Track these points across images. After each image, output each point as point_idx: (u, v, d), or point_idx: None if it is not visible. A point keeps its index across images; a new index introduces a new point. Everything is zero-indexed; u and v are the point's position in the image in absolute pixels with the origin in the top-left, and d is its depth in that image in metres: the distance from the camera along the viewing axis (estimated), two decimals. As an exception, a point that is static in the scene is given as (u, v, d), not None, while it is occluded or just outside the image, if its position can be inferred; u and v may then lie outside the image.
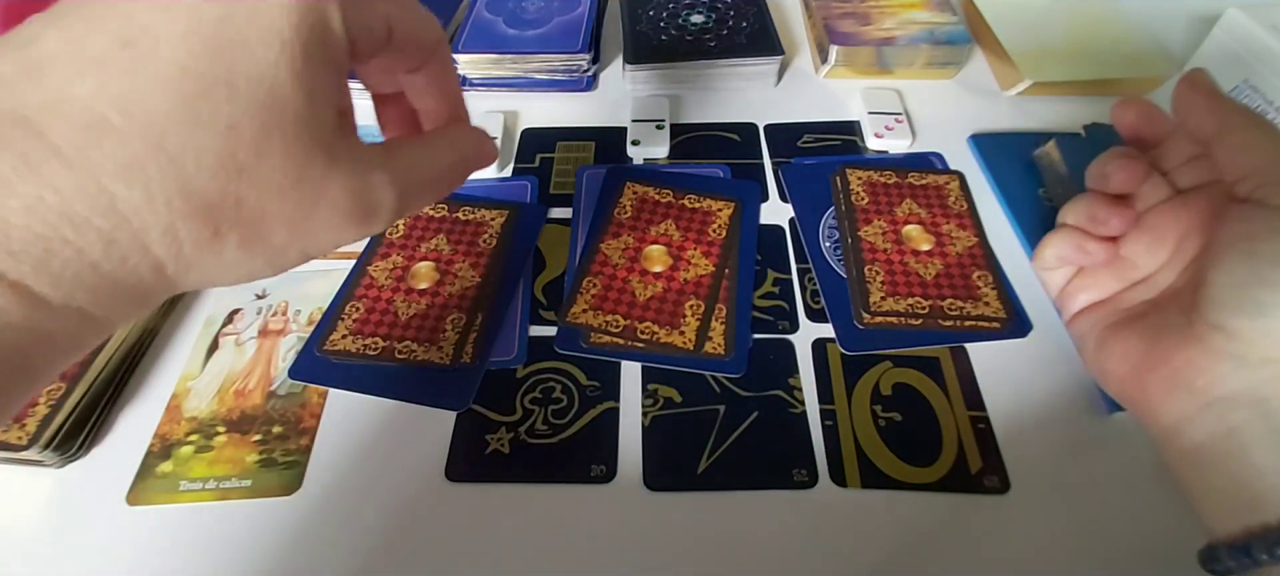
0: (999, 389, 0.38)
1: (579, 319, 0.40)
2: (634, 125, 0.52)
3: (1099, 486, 0.34)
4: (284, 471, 0.35)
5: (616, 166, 0.50)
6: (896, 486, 0.34)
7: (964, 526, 0.33)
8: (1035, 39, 0.56)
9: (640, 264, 0.43)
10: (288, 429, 0.37)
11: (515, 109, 0.56)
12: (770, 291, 0.42)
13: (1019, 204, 0.46)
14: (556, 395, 0.38)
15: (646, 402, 0.38)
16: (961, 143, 0.51)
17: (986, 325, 0.39)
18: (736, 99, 0.56)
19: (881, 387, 0.38)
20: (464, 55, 0.56)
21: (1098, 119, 0.49)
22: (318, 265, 0.45)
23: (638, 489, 0.35)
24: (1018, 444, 0.36)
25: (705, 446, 0.36)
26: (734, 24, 0.58)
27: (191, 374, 0.39)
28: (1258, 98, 0.51)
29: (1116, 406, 0.36)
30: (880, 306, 0.40)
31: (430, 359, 0.38)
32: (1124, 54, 0.54)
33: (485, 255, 0.43)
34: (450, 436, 0.37)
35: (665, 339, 0.39)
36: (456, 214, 0.46)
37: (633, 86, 0.57)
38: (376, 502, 0.34)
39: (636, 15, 0.60)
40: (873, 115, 0.53)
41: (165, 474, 0.35)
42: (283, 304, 0.43)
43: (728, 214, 0.46)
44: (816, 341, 0.40)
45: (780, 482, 0.34)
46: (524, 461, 0.36)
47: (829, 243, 0.45)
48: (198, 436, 0.37)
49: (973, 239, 0.43)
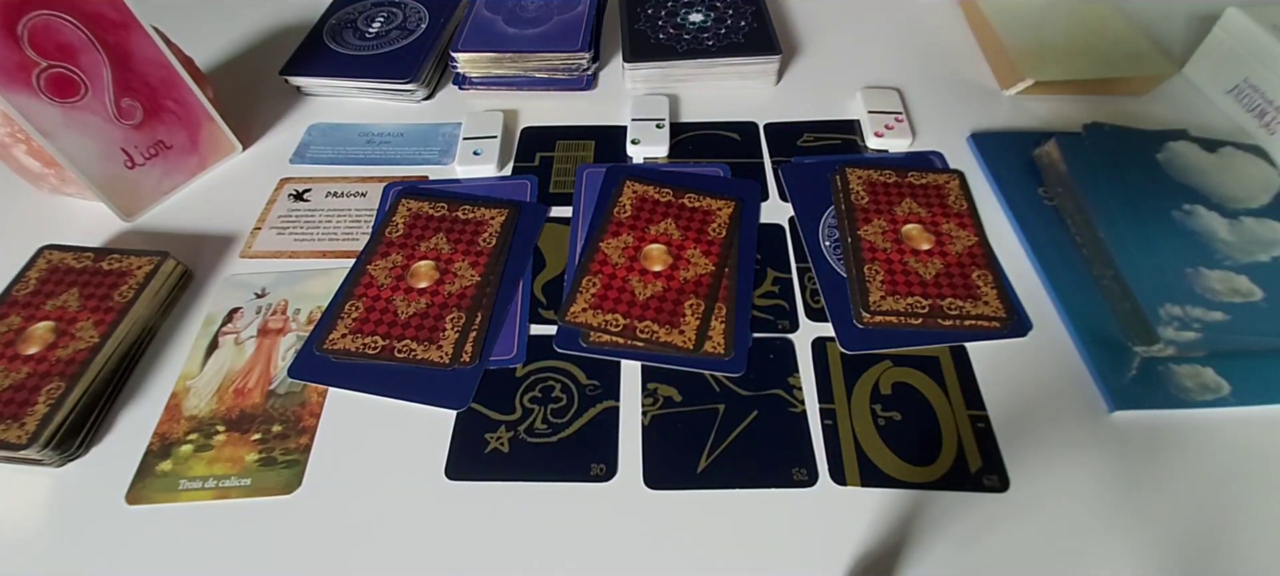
0: (999, 388, 0.38)
1: (579, 318, 0.40)
2: (633, 124, 0.52)
3: (1098, 485, 0.34)
4: (284, 470, 0.35)
5: (616, 165, 0.50)
6: (896, 485, 0.34)
7: (963, 525, 0.33)
8: (1035, 38, 0.56)
9: (640, 263, 0.43)
10: (287, 428, 0.37)
11: (515, 108, 0.56)
12: (770, 290, 0.42)
13: (1019, 203, 0.46)
14: (556, 394, 0.38)
15: (646, 401, 0.38)
16: (961, 142, 0.51)
17: (986, 324, 0.39)
18: (736, 98, 0.56)
19: (881, 387, 0.38)
20: (464, 54, 0.56)
21: (1098, 119, 0.49)
22: (317, 264, 0.45)
23: (638, 487, 0.35)
24: (1017, 443, 0.36)
25: (705, 445, 0.36)
26: (733, 23, 0.58)
27: (191, 373, 0.39)
28: (1258, 97, 0.51)
29: (1117, 406, 0.36)
30: (880, 306, 0.40)
31: (430, 358, 0.38)
32: (1124, 53, 0.54)
33: (485, 254, 0.43)
34: (450, 435, 0.37)
35: (665, 338, 0.39)
36: (456, 213, 0.46)
37: (632, 85, 0.57)
38: (376, 502, 0.34)
39: (635, 14, 0.60)
40: (872, 114, 0.53)
41: (165, 473, 0.35)
42: (282, 303, 0.43)
43: (727, 213, 0.46)
44: (816, 340, 0.40)
45: (780, 481, 0.34)
46: (524, 460, 0.36)
47: (829, 242, 0.45)
48: (197, 435, 0.37)
49: (973, 238, 0.43)
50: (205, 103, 0.50)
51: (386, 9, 0.63)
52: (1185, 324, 0.37)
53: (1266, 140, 0.49)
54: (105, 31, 0.45)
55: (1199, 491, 0.34)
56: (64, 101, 0.44)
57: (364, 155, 0.53)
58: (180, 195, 0.50)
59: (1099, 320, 0.40)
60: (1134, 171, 0.45)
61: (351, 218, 0.48)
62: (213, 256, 0.46)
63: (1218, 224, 0.42)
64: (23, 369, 0.36)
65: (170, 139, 0.49)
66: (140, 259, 0.42)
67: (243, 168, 0.53)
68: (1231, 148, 0.47)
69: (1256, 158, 0.47)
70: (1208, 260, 0.40)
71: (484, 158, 0.50)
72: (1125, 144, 0.47)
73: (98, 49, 0.45)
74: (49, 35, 0.42)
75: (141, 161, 0.48)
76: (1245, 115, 0.51)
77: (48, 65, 0.43)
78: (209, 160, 0.52)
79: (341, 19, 0.63)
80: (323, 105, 0.58)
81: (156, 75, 0.48)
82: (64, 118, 0.44)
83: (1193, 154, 0.47)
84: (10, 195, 0.50)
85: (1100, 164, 0.46)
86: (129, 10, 0.45)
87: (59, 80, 0.43)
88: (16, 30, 0.41)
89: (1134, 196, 0.44)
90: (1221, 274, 0.40)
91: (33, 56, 0.42)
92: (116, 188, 0.47)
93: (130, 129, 0.47)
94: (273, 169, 0.52)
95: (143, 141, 0.48)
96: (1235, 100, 0.52)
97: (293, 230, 0.47)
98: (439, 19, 0.61)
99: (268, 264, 0.45)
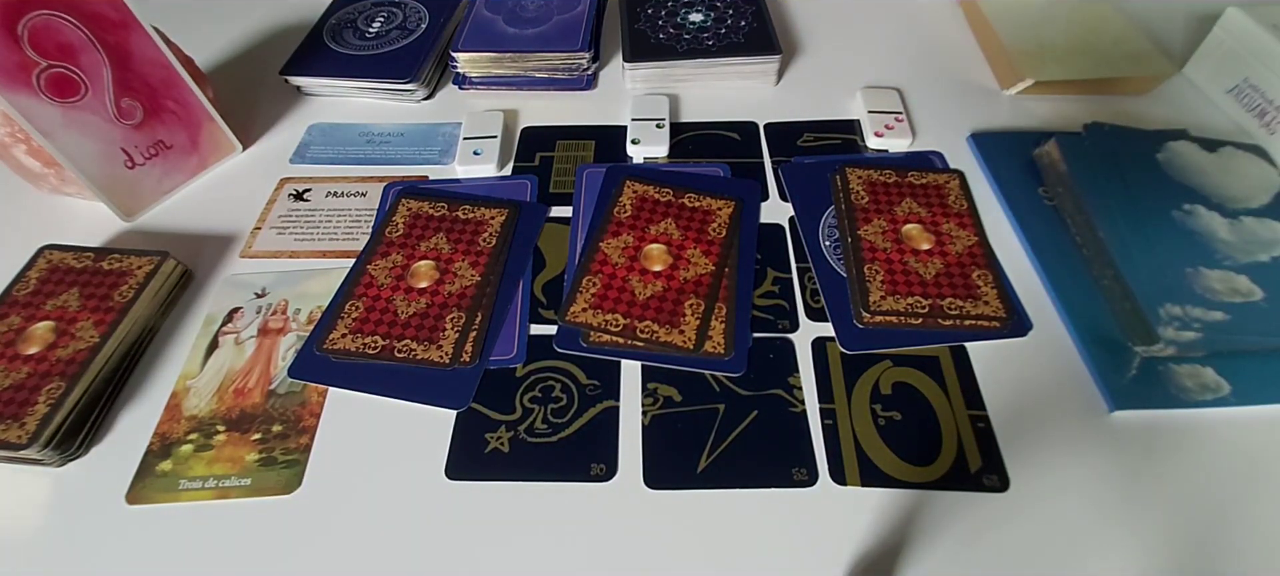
0: (999, 388, 0.38)
1: (579, 318, 0.40)
2: (634, 124, 0.52)
3: (1098, 485, 0.34)
4: (284, 470, 0.35)
5: (616, 165, 0.50)
6: (896, 485, 0.34)
7: (963, 525, 0.33)
8: (1035, 38, 0.56)
9: (640, 263, 0.43)
10: (287, 427, 0.37)
11: (515, 107, 0.56)
12: (770, 290, 0.42)
13: (1019, 203, 0.46)
14: (556, 394, 0.38)
15: (646, 401, 0.38)
16: (961, 142, 0.51)
17: (986, 324, 0.39)
18: (736, 98, 0.56)
19: (881, 386, 0.38)
20: (464, 54, 0.56)
21: (1098, 119, 0.49)
22: (317, 264, 0.45)
23: (638, 487, 0.35)
24: (1017, 443, 0.36)
25: (705, 445, 0.36)
26: (733, 23, 0.58)
27: (191, 372, 0.39)
28: (1258, 97, 0.51)
29: (1116, 405, 0.36)
30: (880, 305, 0.40)
31: (430, 358, 0.38)
32: (1124, 53, 0.54)
33: (485, 254, 0.43)
34: (450, 435, 0.37)
35: (665, 338, 0.39)
36: (456, 213, 0.46)
37: (632, 85, 0.57)
38: (376, 502, 0.34)
39: (635, 14, 0.60)
40: (872, 114, 0.53)
41: (165, 472, 0.35)
42: (282, 302, 0.43)
43: (728, 213, 0.46)
44: (816, 340, 0.40)
45: (780, 481, 0.34)
46: (524, 460, 0.36)
47: (829, 242, 0.45)
48: (197, 435, 0.37)
49: (973, 238, 0.43)
50: (205, 103, 0.50)
51: (386, 9, 0.63)
52: (1185, 324, 0.38)
53: (1266, 140, 0.49)
54: (105, 31, 0.45)
55: (1199, 491, 0.34)
56: (64, 101, 0.44)
57: (364, 155, 0.53)
58: (180, 195, 0.50)
59: (1099, 320, 0.40)
60: (1134, 171, 0.45)
61: (351, 217, 0.48)
62: (213, 256, 0.46)
63: (1218, 224, 0.42)
64: (23, 369, 0.36)
65: (170, 139, 0.49)
66: (140, 259, 0.42)
67: (243, 168, 0.53)
68: (1231, 148, 0.47)
69: (1256, 158, 0.47)
70: (1208, 260, 0.40)
71: (484, 158, 0.50)
72: (1125, 144, 0.47)
73: (98, 49, 0.45)
74: (49, 35, 0.42)
75: (141, 161, 0.48)
76: (1245, 115, 0.51)
77: (48, 65, 0.43)
78: (209, 160, 0.52)
79: (341, 19, 0.63)
80: (323, 105, 0.58)
81: (156, 75, 0.48)
82: (64, 118, 0.44)
83: (1193, 154, 0.47)
84: (10, 195, 0.50)
85: (1100, 164, 0.46)
86: (129, 10, 0.45)
87: (59, 80, 0.43)
88: (16, 30, 0.41)
89: (1134, 196, 0.44)
90: (1221, 274, 0.40)
91: (33, 56, 0.42)
92: (116, 187, 0.47)
93: (130, 129, 0.47)
94: (273, 169, 0.52)
95: (143, 141, 0.48)
96: (1235, 100, 0.52)
97: (293, 230, 0.47)
98: (439, 19, 0.61)
99: (268, 264, 0.45)
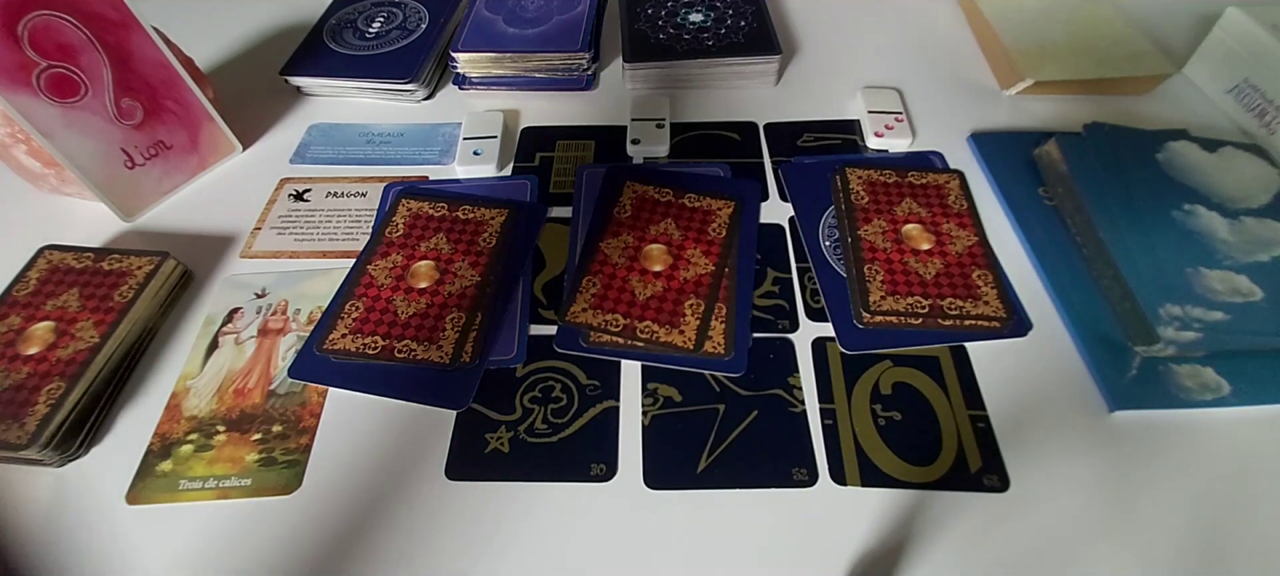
0: (999, 388, 0.38)
1: (579, 318, 0.40)
2: (634, 124, 0.52)
3: (1099, 485, 0.34)
4: (284, 470, 0.35)
5: (616, 165, 0.50)
6: (896, 485, 0.34)
7: (963, 525, 0.33)
8: (1035, 38, 0.56)
9: (640, 263, 0.43)
10: (287, 428, 0.37)
11: (515, 108, 0.56)
12: (770, 290, 0.42)
13: (1019, 203, 0.46)
14: (556, 394, 0.38)
15: (646, 401, 0.38)
16: (961, 142, 0.51)
17: (986, 324, 0.39)
18: (736, 98, 0.56)
19: (881, 387, 0.38)
20: (464, 54, 0.56)
21: (1098, 119, 0.49)
22: (317, 264, 0.45)
23: (638, 487, 0.35)
24: (1017, 443, 0.36)
25: (705, 445, 0.36)
26: (733, 23, 0.58)
27: (191, 373, 0.39)
28: (1258, 97, 0.51)
29: (1117, 405, 0.36)
30: (880, 306, 0.40)
31: (430, 358, 0.38)
32: (1124, 53, 0.54)
33: (485, 254, 0.43)
34: (450, 435, 0.37)
35: (665, 338, 0.39)
36: (456, 213, 0.46)
37: (632, 85, 0.57)
38: (376, 502, 0.34)
39: (635, 14, 0.60)
40: (872, 114, 0.53)
41: (165, 473, 0.35)
42: (282, 303, 0.43)
43: (728, 213, 0.46)
44: (816, 340, 0.40)
45: (780, 481, 0.34)
46: (524, 460, 0.36)
47: (829, 242, 0.45)
48: (197, 435, 0.37)
49: (973, 238, 0.43)
50: (205, 103, 0.50)
51: (386, 9, 0.63)
52: (1185, 324, 0.37)
53: (1266, 140, 0.49)
54: (105, 31, 0.45)
55: (1199, 491, 0.34)
56: (64, 101, 0.44)
57: (364, 155, 0.53)
58: (180, 195, 0.50)
59: (1099, 320, 0.40)
60: (1134, 171, 0.45)
61: (351, 218, 0.48)
62: (213, 256, 0.46)
63: (1218, 224, 0.42)
64: (23, 369, 0.36)
65: (170, 139, 0.49)
66: (140, 259, 0.42)
67: (243, 168, 0.53)
68: (1231, 147, 0.47)
69: (1256, 157, 0.47)
70: (1208, 260, 0.40)
71: (484, 158, 0.50)
72: (1125, 144, 0.47)
73: (98, 49, 0.45)
74: (49, 35, 0.42)
75: (141, 161, 0.48)
76: (1245, 115, 0.51)
77: (48, 65, 0.43)
78: (209, 160, 0.52)
79: (341, 19, 0.63)
80: (323, 105, 0.58)
81: (156, 75, 0.48)
82: (64, 118, 0.44)
83: (1193, 154, 0.47)
84: (10, 195, 0.50)
85: (1100, 164, 0.46)
86: (129, 10, 0.45)
87: (59, 80, 0.43)
88: (17, 30, 0.41)
89: (1134, 196, 0.44)
90: (1221, 274, 0.40)
91: (33, 56, 0.42)
92: (116, 188, 0.47)
93: (130, 129, 0.47)
94: (273, 169, 0.52)
95: (143, 141, 0.48)
96: (1235, 100, 0.52)
97: (293, 230, 0.47)
98: (439, 19, 0.61)
99: (268, 264, 0.45)
